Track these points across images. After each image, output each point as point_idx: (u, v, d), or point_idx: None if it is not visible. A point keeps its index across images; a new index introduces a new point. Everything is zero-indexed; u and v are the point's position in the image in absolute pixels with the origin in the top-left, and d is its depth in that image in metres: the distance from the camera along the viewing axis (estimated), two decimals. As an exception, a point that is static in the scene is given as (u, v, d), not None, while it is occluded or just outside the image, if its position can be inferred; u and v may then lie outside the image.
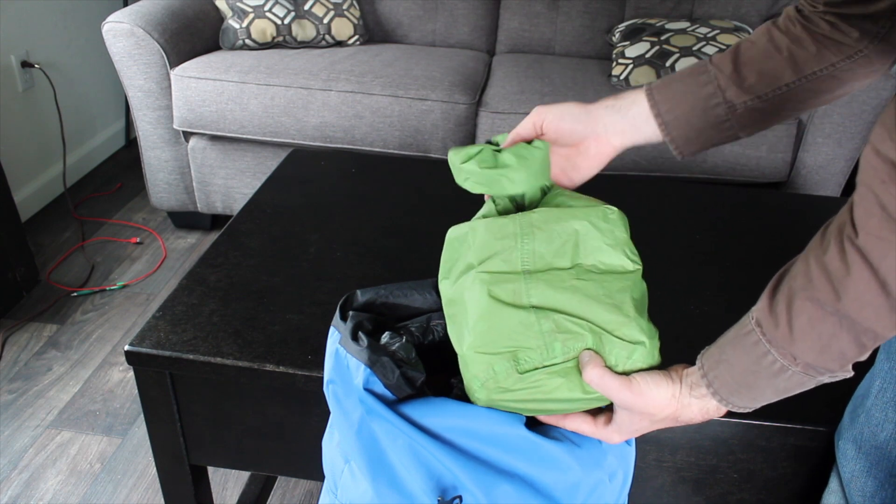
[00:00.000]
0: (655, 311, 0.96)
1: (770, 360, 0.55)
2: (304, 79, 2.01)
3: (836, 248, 0.51)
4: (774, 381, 0.57)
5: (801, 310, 0.53)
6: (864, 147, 0.50)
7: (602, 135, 0.74)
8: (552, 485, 0.65)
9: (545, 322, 0.62)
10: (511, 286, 0.64)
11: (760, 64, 0.71)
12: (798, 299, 0.53)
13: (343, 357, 0.68)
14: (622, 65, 2.13)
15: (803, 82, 0.71)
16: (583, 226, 0.66)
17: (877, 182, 0.48)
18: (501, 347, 0.63)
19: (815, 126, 1.96)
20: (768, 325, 0.55)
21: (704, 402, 0.61)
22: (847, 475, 0.73)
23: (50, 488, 1.45)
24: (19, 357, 1.80)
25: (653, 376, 0.61)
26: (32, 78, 2.34)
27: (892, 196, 0.47)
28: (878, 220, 0.48)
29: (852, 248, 0.50)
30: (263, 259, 1.04)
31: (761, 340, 0.56)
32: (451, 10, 2.46)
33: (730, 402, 0.59)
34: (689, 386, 0.61)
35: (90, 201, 2.53)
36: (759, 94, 0.71)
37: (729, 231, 1.17)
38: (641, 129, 0.74)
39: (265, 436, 0.92)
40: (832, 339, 0.52)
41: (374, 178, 1.30)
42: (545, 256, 0.65)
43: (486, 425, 0.64)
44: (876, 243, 0.48)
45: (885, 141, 0.47)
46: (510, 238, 0.66)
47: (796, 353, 0.54)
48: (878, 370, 0.70)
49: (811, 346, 0.53)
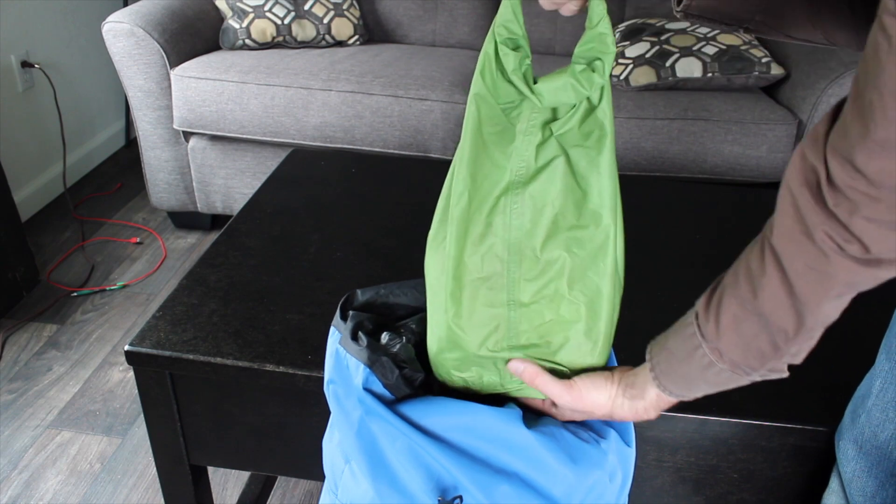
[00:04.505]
0: (655, 311, 0.96)
1: (701, 353, 0.57)
2: (304, 79, 2.01)
3: (758, 248, 0.52)
4: (705, 373, 0.58)
5: (727, 307, 0.55)
6: (796, 149, 0.50)
7: None
8: (551, 485, 0.65)
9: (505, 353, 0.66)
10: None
11: None
12: (726, 296, 0.55)
13: (343, 357, 0.68)
14: (622, 65, 2.13)
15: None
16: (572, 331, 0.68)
17: (796, 184, 0.48)
18: (465, 371, 0.68)
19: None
20: (703, 319, 0.57)
21: (635, 403, 0.64)
22: (848, 475, 0.73)
23: (50, 488, 1.45)
24: (19, 357, 1.80)
25: (593, 379, 0.65)
26: (32, 78, 2.34)
27: (807, 200, 0.47)
28: (790, 221, 0.49)
29: (768, 248, 0.51)
30: (263, 259, 1.04)
31: (696, 333, 0.57)
32: (451, 10, 2.46)
33: (668, 388, 0.61)
34: (625, 386, 0.64)
35: (90, 201, 2.53)
36: None
37: (729, 231, 1.17)
38: None
39: (265, 436, 0.92)
40: (753, 338, 0.54)
41: (374, 178, 1.30)
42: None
43: (485, 424, 0.65)
44: (786, 244, 0.49)
45: (812, 148, 0.47)
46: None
47: (722, 349, 0.56)
48: (878, 370, 0.70)
49: (735, 343, 0.55)
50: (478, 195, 0.64)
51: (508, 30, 0.61)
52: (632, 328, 0.77)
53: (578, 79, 0.60)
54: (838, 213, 0.46)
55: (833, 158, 0.45)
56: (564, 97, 0.62)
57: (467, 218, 0.64)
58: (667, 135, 1.96)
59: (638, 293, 0.97)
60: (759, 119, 1.96)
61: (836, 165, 0.45)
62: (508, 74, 0.62)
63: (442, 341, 0.67)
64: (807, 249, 0.48)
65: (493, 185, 0.65)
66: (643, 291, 1.00)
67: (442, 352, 0.68)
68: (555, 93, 0.62)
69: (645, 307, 0.95)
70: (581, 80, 0.60)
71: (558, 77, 0.62)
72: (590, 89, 0.61)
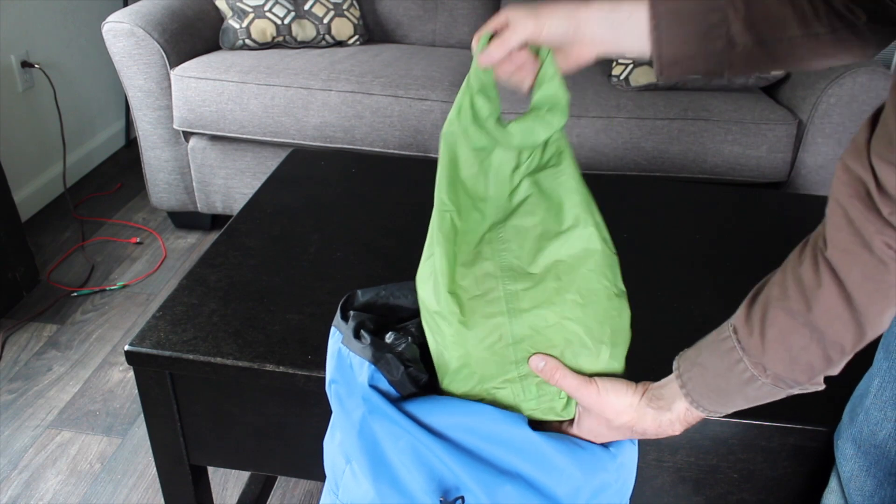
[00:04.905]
0: (655, 311, 0.96)
1: (742, 367, 0.56)
2: (304, 79, 2.02)
3: (810, 261, 0.52)
4: (745, 388, 0.57)
5: (774, 320, 0.54)
6: (837, 162, 0.50)
7: (587, 44, 0.70)
8: (555, 486, 0.65)
9: (522, 367, 0.67)
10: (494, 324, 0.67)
11: (772, 9, 0.67)
12: (772, 309, 0.54)
13: (346, 356, 0.68)
14: (622, 65, 2.14)
15: (805, 40, 0.68)
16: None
17: (844, 196, 0.48)
18: (478, 388, 0.67)
19: (815, 126, 1.96)
20: (743, 333, 0.56)
21: (660, 415, 0.62)
22: (846, 474, 0.73)
23: (50, 488, 1.45)
24: (19, 357, 1.80)
25: (614, 383, 0.64)
26: (32, 78, 2.34)
27: (859, 211, 0.47)
28: (845, 235, 0.49)
29: (823, 261, 0.50)
30: (263, 259, 1.04)
31: (736, 348, 0.56)
32: (451, 10, 2.46)
33: (700, 404, 0.60)
34: (650, 398, 0.63)
35: (90, 201, 2.53)
36: (762, 39, 0.68)
37: (729, 231, 1.17)
38: (630, 45, 0.69)
39: (265, 436, 0.92)
40: (802, 350, 0.53)
41: (374, 178, 1.30)
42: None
43: (490, 424, 0.65)
44: (843, 257, 0.49)
45: (855, 158, 0.47)
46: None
47: (766, 363, 0.55)
48: (876, 369, 0.70)
49: (781, 356, 0.54)
50: (463, 232, 0.69)
51: (481, 81, 0.69)
52: (632, 328, 0.77)
53: (544, 119, 0.69)
54: (894, 221, 0.45)
55: (880, 165, 0.45)
56: (534, 137, 0.70)
57: (454, 247, 0.68)
58: (667, 135, 1.96)
59: (638, 293, 0.97)
60: (759, 119, 1.96)
61: (884, 172, 0.45)
62: (482, 121, 0.69)
63: (453, 361, 0.67)
64: (864, 260, 0.48)
65: (476, 224, 0.70)
66: (643, 291, 1.00)
67: (458, 372, 0.68)
68: (524, 133, 0.69)
69: (645, 307, 0.95)
70: (547, 119, 0.69)
71: (525, 120, 0.70)
72: (554, 128, 0.69)
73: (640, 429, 0.63)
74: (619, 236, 0.86)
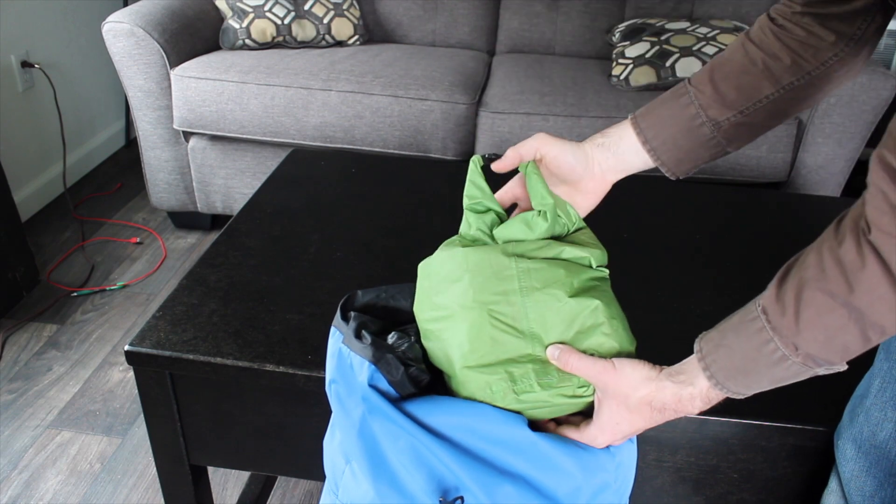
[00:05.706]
0: (655, 311, 0.96)
1: (772, 348, 0.56)
2: (304, 79, 2.02)
3: (852, 241, 0.52)
4: (773, 369, 0.57)
5: (811, 300, 0.53)
6: (875, 150, 0.51)
7: (598, 173, 0.76)
8: (555, 487, 0.65)
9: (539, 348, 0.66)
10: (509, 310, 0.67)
11: (738, 80, 0.72)
12: (808, 289, 0.54)
13: (346, 356, 0.68)
14: (622, 65, 2.14)
15: (782, 93, 0.72)
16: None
17: (885, 183, 0.49)
18: (494, 359, 0.66)
19: (815, 126, 1.96)
20: (774, 313, 0.56)
21: (682, 388, 0.61)
22: (846, 475, 0.73)
23: (50, 488, 1.45)
24: (19, 357, 1.80)
25: (631, 360, 0.64)
26: (32, 78, 2.34)
27: None
28: (889, 218, 0.49)
29: (866, 243, 0.51)
30: (263, 259, 1.04)
31: (766, 328, 0.56)
32: (451, 10, 2.46)
33: (725, 386, 0.60)
34: (669, 373, 0.62)
35: (90, 201, 2.53)
36: (741, 110, 0.73)
37: (729, 231, 1.17)
38: (633, 162, 0.76)
39: (265, 436, 0.92)
40: (839, 331, 0.53)
41: (374, 178, 1.30)
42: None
43: (490, 425, 0.65)
44: (887, 240, 0.50)
45: (891, 148, 0.49)
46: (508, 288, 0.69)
47: (799, 343, 0.55)
48: (877, 370, 0.70)
49: (816, 336, 0.54)
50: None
51: (472, 198, 0.74)
52: (632, 328, 0.77)
53: (529, 222, 0.72)
54: None
55: None
56: (517, 232, 0.72)
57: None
58: (667, 135, 1.96)
59: (638, 293, 0.97)
60: (758, 119, 1.96)
61: None
62: (472, 231, 0.74)
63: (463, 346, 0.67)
64: None
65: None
66: (643, 291, 1.00)
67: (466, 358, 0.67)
68: (507, 228, 0.72)
69: (645, 307, 0.95)
70: (531, 222, 0.72)
71: (514, 223, 0.73)
72: (540, 228, 0.72)
73: (659, 403, 0.62)
74: (619, 236, 0.87)
